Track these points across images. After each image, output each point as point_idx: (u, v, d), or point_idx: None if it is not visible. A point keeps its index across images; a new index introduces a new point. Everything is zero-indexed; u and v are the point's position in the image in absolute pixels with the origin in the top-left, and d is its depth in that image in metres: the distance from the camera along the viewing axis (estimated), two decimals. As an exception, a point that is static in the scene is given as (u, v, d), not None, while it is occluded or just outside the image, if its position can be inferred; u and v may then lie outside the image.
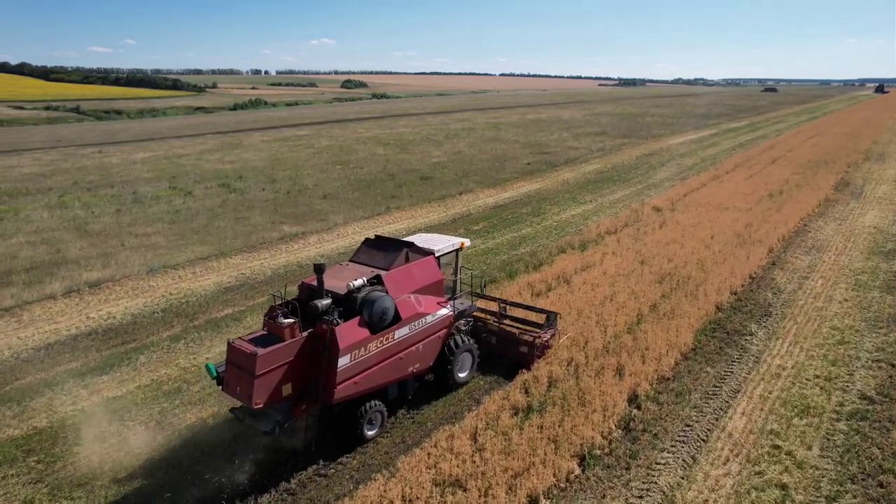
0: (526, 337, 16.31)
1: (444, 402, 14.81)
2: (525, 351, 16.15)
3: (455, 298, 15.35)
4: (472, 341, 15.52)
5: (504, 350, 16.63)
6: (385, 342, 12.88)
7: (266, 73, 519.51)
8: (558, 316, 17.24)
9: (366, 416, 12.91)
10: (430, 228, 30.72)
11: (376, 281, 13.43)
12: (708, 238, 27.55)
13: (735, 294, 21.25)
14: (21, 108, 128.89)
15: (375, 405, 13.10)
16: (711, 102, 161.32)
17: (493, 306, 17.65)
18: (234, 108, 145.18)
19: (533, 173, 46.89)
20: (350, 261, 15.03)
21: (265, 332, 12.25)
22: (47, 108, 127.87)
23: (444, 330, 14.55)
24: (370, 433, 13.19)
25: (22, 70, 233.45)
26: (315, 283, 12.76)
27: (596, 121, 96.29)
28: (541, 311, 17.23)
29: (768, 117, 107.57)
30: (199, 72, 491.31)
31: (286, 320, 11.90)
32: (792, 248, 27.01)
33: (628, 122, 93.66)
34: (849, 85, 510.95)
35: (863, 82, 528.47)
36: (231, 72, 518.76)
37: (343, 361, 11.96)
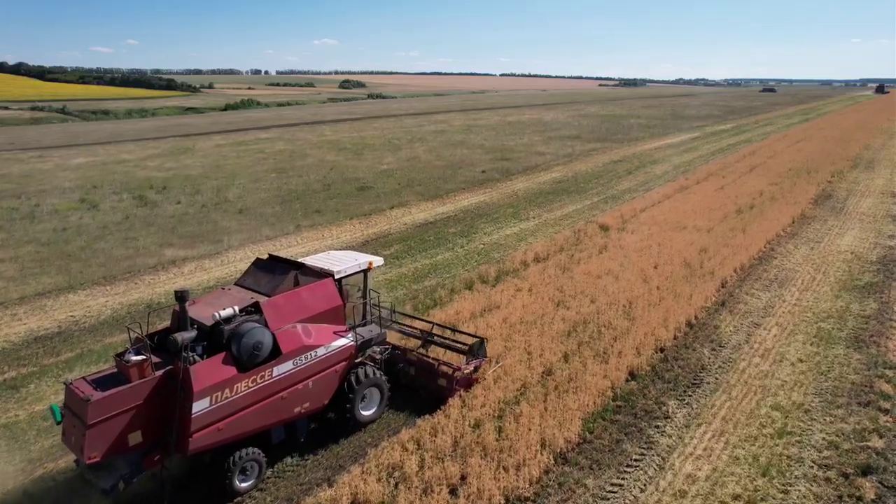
0: (445, 369, 14.36)
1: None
2: (444, 385, 14.21)
3: (363, 325, 13.85)
4: (380, 374, 13.76)
5: (423, 382, 14.73)
6: (260, 381, 11.28)
7: (266, 72, 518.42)
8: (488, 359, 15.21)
9: (237, 467, 11.20)
10: (342, 249, 26.33)
11: (254, 309, 11.82)
12: (650, 268, 23.09)
13: (662, 351, 16.77)
14: (7, 108, 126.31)
15: (250, 453, 11.38)
16: (705, 103, 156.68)
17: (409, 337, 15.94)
18: (226, 108, 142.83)
19: (483, 183, 42.43)
20: (236, 283, 13.41)
21: (115, 372, 10.75)
22: (33, 109, 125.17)
23: (344, 363, 12.92)
24: (243, 485, 11.44)
25: (19, 70, 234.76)
26: (188, 311, 11.17)
27: (577, 123, 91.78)
28: (468, 335, 15.52)
29: (759, 119, 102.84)
30: (198, 72, 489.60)
31: (134, 357, 10.45)
32: (749, 282, 22.55)
33: (609, 124, 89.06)
34: (850, 85, 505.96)
35: (864, 82, 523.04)
36: (231, 72, 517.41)
37: (200, 406, 10.44)
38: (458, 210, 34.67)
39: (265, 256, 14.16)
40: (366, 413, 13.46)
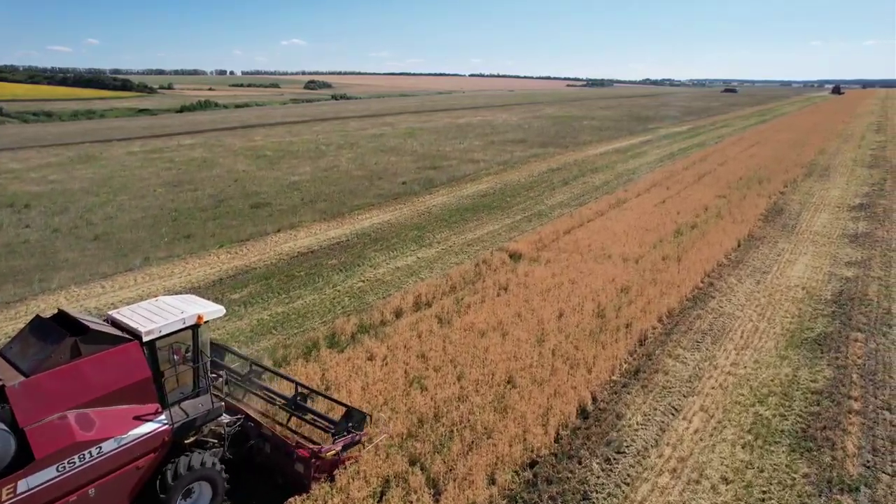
0: (302, 450, 10.92)
1: None
2: (301, 471, 10.84)
3: (194, 397, 10.71)
4: (213, 462, 10.42)
5: (279, 464, 11.24)
6: None
7: (231, 73, 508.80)
8: (366, 418, 11.68)
9: None
10: (186, 291, 20.72)
11: None
12: (553, 318, 18.14)
13: (532, 467, 11.72)
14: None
15: None
16: (664, 104, 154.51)
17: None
18: (181, 109, 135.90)
19: (398, 198, 37.19)
20: None
21: None
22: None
23: (153, 454, 9.82)
24: None
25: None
26: None
27: (527, 125, 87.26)
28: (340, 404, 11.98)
29: (715, 121, 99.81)
30: (161, 72, 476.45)
31: None
32: (677, 335, 17.78)
33: (560, 126, 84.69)
34: (808, 86, 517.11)
35: (822, 83, 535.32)
36: (195, 72, 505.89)
37: None
38: (354, 233, 29.31)
39: (53, 312, 10.47)
40: None
